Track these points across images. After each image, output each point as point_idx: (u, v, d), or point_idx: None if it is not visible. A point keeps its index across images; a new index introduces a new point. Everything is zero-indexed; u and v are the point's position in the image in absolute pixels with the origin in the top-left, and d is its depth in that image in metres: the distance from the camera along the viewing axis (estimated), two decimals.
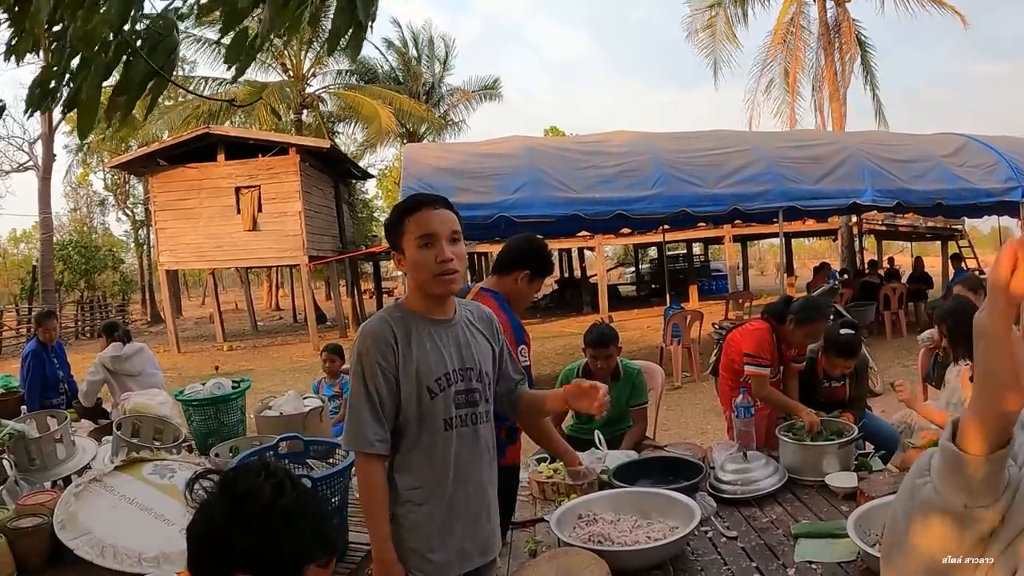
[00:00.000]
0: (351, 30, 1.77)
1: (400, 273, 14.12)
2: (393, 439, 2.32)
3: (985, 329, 0.84)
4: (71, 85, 1.86)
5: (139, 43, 1.74)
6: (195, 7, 1.83)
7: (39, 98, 1.91)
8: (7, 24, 1.95)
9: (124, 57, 1.76)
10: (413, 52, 34.89)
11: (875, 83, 23.06)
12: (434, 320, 2.38)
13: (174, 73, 1.85)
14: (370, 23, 1.77)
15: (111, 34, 1.73)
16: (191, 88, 25.74)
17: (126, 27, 1.71)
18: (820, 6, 21.96)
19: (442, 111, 35.56)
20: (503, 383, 2.59)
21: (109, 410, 6.01)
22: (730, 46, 23.80)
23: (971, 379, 4.81)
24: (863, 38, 22.60)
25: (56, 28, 1.86)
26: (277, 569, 1.42)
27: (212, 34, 25.76)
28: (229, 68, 1.80)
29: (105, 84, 1.83)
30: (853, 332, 4.65)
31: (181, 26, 1.87)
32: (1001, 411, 0.85)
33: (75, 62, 1.81)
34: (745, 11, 23.46)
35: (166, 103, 26.96)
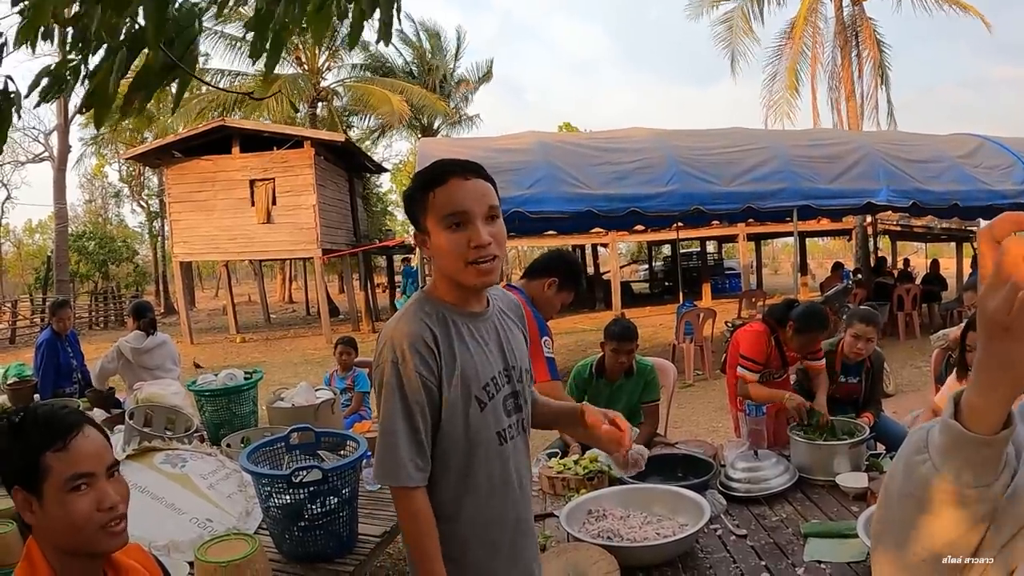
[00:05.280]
0: (379, 21, 1.76)
1: (416, 265, 13.99)
2: (439, 465, 1.96)
3: (1011, 327, 0.80)
4: (86, 76, 1.86)
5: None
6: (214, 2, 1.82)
7: (47, 89, 1.90)
8: (20, 13, 1.95)
9: (144, 48, 1.76)
10: (427, 45, 34.99)
11: (888, 83, 22.95)
12: (471, 314, 2.01)
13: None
14: (396, 13, 1.76)
15: (133, 25, 1.72)
16: (207, 80, 25.81)
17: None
18: (836, 4, 21.84)
19: (455, 103, 35.65)
20: None
21: (122, 399, 6.02)
22: (748, 41, 23.73)
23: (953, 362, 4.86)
24: (878, 37, 22.50)
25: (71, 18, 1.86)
26: (21, 471, 1.59)
27: (229, 29, 25.91)
28: (255, 63, 1.78)
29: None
30: (873, 307, 4.76)
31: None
32: (1013, 396, 0.84)
33: (97, 54, 1.81)
34: (761, 8, 23.37)
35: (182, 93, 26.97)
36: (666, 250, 36.45)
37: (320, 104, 30.38)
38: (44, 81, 1.83)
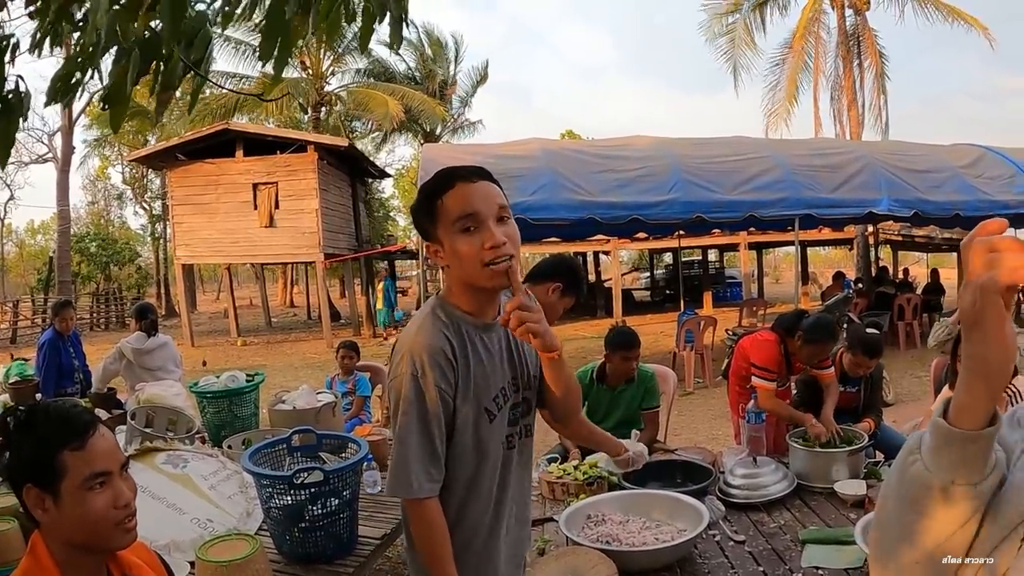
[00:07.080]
0: (390, 23, 1.78)
1: (418, 270, 14.08)
2: (447, 474, 1.94)
3: (979, 321, 0.86)
4: (99, 79, 1.88)
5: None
6: (223, 8, 1.84)
7: (61, 91, 1.92)
8: (30, 15, 1.97)
9: (157, 50, 1.78)
10: (429, 52, 35.04)
11: (885, 92, 22.99)
12: (484, 325, 1.98)
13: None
14: (405, 15, 1.77)
15: (144, 29, 1.74)
16: (214, 82, 25.82)
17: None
18: (839, 15, 21.90)
19: (455, 109, 35.73)
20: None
21: (123, 400, 6.04)
22: (750, 52, 23.79)
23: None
24: (879, 48, 22.55)
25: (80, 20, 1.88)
26: (32, 467, 1.59)
27: (232, 32, 25.95)
28: (264, 65, 1.79)
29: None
30: (877, 332, 4.69)
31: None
32: (993, 392, 0.89)
33: (107, 56, 1.83)
34: (763, 18, 23.43)
35: (186, 96, 27.09)
36: (667, 258, 36.41)
37: (323, 109, 30.43)
38: (59, 84, 1.85)
